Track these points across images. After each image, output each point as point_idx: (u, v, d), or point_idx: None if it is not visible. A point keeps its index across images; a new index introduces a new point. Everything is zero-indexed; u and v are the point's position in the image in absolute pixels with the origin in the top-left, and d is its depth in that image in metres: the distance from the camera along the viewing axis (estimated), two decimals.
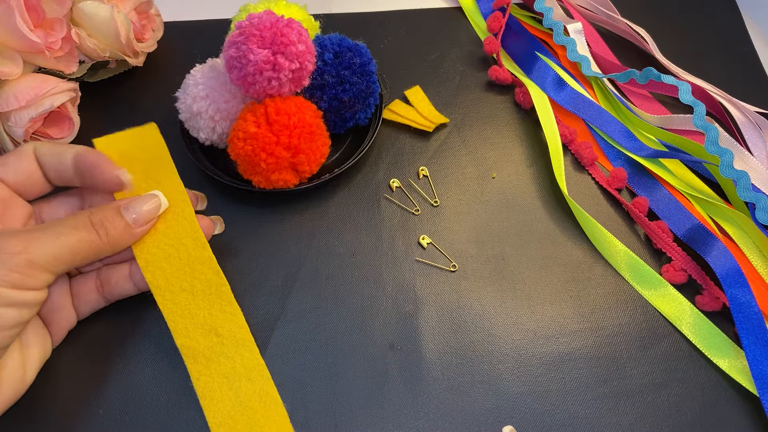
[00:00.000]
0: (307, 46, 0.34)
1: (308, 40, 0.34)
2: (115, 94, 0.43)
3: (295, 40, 0.33)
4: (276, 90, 0.34)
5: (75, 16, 0.39)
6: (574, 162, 0.42)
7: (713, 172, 0.40)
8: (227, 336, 0.31)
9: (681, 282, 0.36)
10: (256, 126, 0.34)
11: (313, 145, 0.35)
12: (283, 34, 0.33)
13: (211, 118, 0.36)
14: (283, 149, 0.34)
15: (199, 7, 0.49)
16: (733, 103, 0.43)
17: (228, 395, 0.30)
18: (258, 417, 0.30)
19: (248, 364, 0.31)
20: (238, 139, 0.34)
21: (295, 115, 0.34)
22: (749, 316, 0.33)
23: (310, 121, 0.34)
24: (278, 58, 0.32)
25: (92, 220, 0.28)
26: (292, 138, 0.34)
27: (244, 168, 0.35)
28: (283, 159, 0.34)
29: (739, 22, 0.51)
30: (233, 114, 0.36)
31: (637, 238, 0.39)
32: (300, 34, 0.34)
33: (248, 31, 0.33)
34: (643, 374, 0.33)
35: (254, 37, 0.32)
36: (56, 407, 0.31)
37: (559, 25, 0.45)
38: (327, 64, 0.37)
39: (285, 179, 0.35)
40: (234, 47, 0.33)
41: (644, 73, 0.41)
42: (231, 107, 0.36)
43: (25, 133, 0.36)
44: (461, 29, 0.49)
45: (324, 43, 0.38)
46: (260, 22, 0.33)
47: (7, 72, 0.35)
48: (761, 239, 0.36)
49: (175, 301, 0.31)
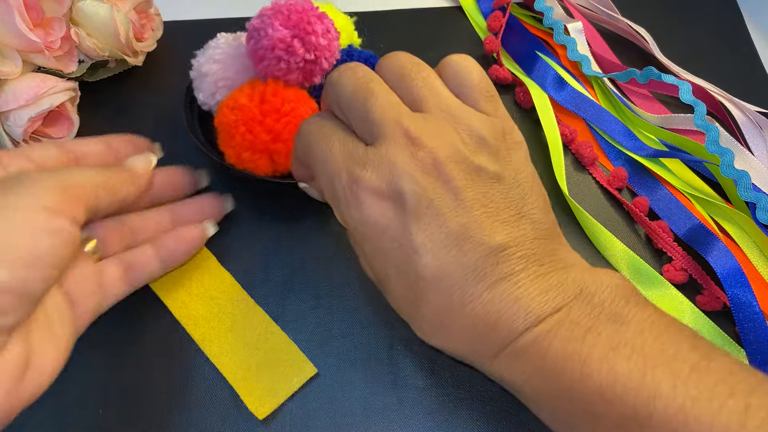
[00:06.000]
0: (330, 43, 0.34)
1: (334, 39, 0.34)
2: (115, 94, 0.43)
3: (319, 31, 0.33)
4: (283, 73, 0.33)
5: (74, 16, 0.39)
6: (574, 161, 0.42)
7: (714, 172, 0.40)
8: (222, 297, 0.34)
9: (682, 282, 0.36)
10: (247, 99, 0.33)
11: None
12: (309, 22, 0.32)
13: (215, 83, 0.35)
14: (263, 131, 0.32)
15: (199, 6, 0.49)
16: (734, 103, 0.43)
17: (237, 348, 0.33)
18: (269, 357, 0.33)
19: (247, 313, 0.34)
20: (226, 106, 0.33)
21: (289, 103, 0.33)
22: (750, 316, 0.33)
23: (304, 116, 0.33)
24: (295, 42, 0.32)
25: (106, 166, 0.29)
26: (277, 123, 0.32)
27: (222, 138, 0.34)
28: (260, 140, 0.33)
29: (740, 21, 0.51)
30: (237, 86, 0.35)
31: (637, 238, 0.39)
32: (327, 30, 0.33)
33: (277, 8, 0.33)
34: None
35: (281, 15, 0.32)
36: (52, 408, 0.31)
37: (560, 24, 0.45)
38: None
39: (256, 163, 0.33)
40: (259, 18, 0.33)
41: (645, 73, 0.41)
42: (237, 79, 0.35)
43: (24, 132, 0.36)
44: (461, 28, 0.49)
45: (352, 52, 0.37)
46: (293, 4, 0.33)
47: (6, 71, 0.35)
48: (762, 239, 0.36)
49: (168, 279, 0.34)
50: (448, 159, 0.24)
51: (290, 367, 0.32)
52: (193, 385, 0.32)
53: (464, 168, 0.24)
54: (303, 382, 0.32)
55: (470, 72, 0.27)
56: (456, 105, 0.26)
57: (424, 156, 0.24)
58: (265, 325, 0.34)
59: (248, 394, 0.32)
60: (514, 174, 0.26)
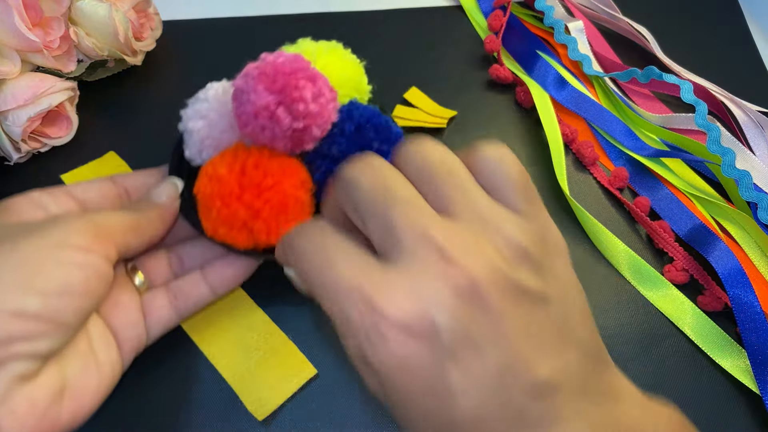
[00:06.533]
0: (322, 109, 0.30)
1: (328, 102, 0.30)
2: (114, 93, 0.43)
3: (309, 97, 0.29)
4: (268, 141, 0.30)
5: (73, 15, 0.39)
6: (575, 161, 0.42)
7: (715, 172, 0.40)
8: (223, 298, 0.34)
9: (683, 282, 0.36)
10: (227, 169, 0.29)
11: (281, 218, 0.29)
12: (297, 86, 0.28)
13: (201, 141, 0.32)
14: (242, 206, 0.29)
15: (198, 6, 0.48)
16: (735, 102, 0.43)
17: (236, 348, 0.33)
18: (269, 358, 0.33)
19: (247, 314, 0.34)
20: (205, 173, 0.30)
21: (272, 177, 0.29)
22: (751, 316, 0.33)
23: (288, 191, 0.29)
24: (280, 110, 0.28)
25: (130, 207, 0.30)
26: (257, 199, 0.29)
27: (200, 208, 0.31)
28: (237, 217, 0.29)
29: (741, 20, 0.51)
30: (223, 146, 0.32)
31: (638, 238, 0.38)
32: (319, 94, 0.29)
33: (262, 69, 0.29)
34: (645, 374, 0.33)
35: (265, 78, 0.28)
36: None
37: (561, 23, 0.45)
38: (343, 134, 0.31)
39: (235, 239, 0.30)
40: (242, 79, 0.29)
41: (646, 72, 0.41)
42: (224, 138, 0.32)
43: (23, 132, 0.36)
44: (462, 28, 0.49)
45: (352, 112, 0.32)
46: (280, 64, 0.29)
47: (5, 71, 0.35)
48: (763, 239, 0.36)
49: None
50: (485, 280, 0.20)
51: (290, 368, 0.32)
52: (193, 386, 0.32)
53: (504, 289, 0.21)
54: (303, 382, 0.32)
55: (508, 168, 0.23)
56: (491, 209, 0.22)
57: (457, 276, 0.20)
58: (264, 326, 0.34)
59: (248, 395, 0.32)
60: (559, 291, 0.22)
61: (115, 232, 0.27)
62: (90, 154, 0.40)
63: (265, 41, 0.46)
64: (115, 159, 0.39)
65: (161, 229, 0.30)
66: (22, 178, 0.39)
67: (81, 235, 0.26)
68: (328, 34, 0.47)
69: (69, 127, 0.40)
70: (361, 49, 0.47)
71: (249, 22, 0.47)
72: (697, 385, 0.33)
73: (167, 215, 0.31)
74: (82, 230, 0.26)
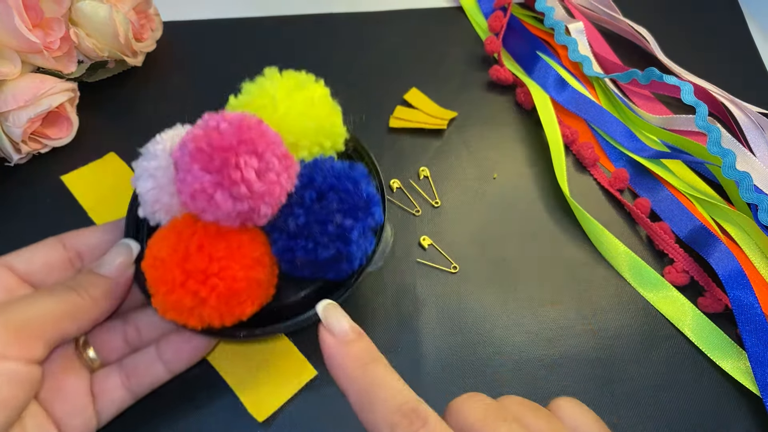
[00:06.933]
0: (272, 185, 0.25)
1: (279, 175, 0.26)
2: (114, 94, 0.43)
3: (252, 177, 0.24)
4: (213, 219, 0.26)
5: (73, 16, 0.39)
6: (575, 163, 0.42)
7: (715, 173, 0.40)
8: None
9: (683, 284, 0.36)
10: (169, 252, 0.26)
11: (232, 302, 0.26)
12: (237, 165, 0.24)
13: (152, 204, 0.28)
14: (187, 295, 0.25)
15: (198, 6, 0.48)
16: (736, 104, 0.43)
17: (237, 351, 0.32)
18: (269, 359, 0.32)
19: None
20: (149, 251, 0.26)
21: (218, 262, 0.25)
22: (752, 318, 0.33)
23: (237, 276, 0.26)
24: (218, 194, 0.24)
25: (68, 285, 0.26)
26: (202, 287, 0.25)
27: (148, 287, 0.27)
28: (183, 305, 0.26)
29: (741, 21, 0.51)
30: (175, 210, 0.28)
31: (638, 240, 0.38)
32: (267, 168, 0.25)
33: (198, 143, 0.24)
34: (645, 376, 0.33)
35: (201, 155, 0.24)
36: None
37: (561, 24, 0.45)
38: (302, 205, 0.27)
39: (185, 321, 0.26)
40: (180, 150, 0.25)
41: (646, 74, 0.41)
42: (174, 204, 0.28)
43: (23, 133, 0.36)
44: (462, 29, 0.49)
45: (315, 176, 0.27)
46: (218, 136, 0.24)
47: (6, 72, 0.35)
48: (764, 241, 0.36)
49: None
50: None
51: (290, 369, 0.32)
52: (193, 388, 0.32)
53: None
54: (303, 384, 0.32)
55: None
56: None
57: None
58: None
59: (248, 396, 0.32)
60: None
61: (44, 323, 0.24)
62: (90, 155, 0.40)
63: (265, 41, 0.47)
64: (115, 160, 0.39)
65: (107, 307, 0.27)
66: (23, 179, 0.39)
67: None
68: (329, 35, 0.47)
69: (69, 128, 0.40)
70: (361, 49, 0.47)
71: (249, 23, 0.47)
72: (698, 387, 0.33)
73: (116, 290, 0.28)
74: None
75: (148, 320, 0.30)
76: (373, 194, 0.28)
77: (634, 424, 0.32)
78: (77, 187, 0.38)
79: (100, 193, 0.38)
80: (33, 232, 0.37)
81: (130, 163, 0.39)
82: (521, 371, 0.33)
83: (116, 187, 0.38)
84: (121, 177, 0.39)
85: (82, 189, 0.38)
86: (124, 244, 0.29)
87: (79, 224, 0.37)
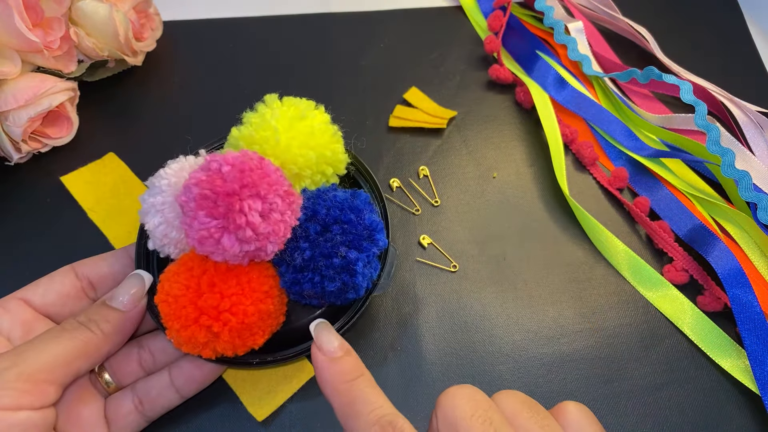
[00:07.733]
0: (276, 224, 0.26)
1: (284, 214, 0.27)
2: (114, 94, 0.43)
3: (257, 220, 0.25)
4: (221, 260, 0.27)
5: (73, 16, 0.39)
6: (575, 162, 0.42)
7: (715, 172, 0.40)
8: None
9: (682, 282, 0.36)
10: (181, 289, 0.27)
11: (244, 335, 0.27)
12: (242, 210, 0.25)
13: (161, 239, 0.28)
14: (200, 330, 0.26)
15: (198, 6, 0.48)
16: (735, 103, 0.43)
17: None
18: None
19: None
20: (162, 289, 0.27)
21: (229, 298, 0.26)
22: (751, 316, 0.33)
23: (248, 311, 0.27)
24: (225, 238, 0.25)
25: (79, 320, 0.27)
26: (215, 323, 0.26)
27: (162, 320, 0.28)
28: (197, 339, 0.27)
29: (741, 20, 0.51)
30: (183, 245, 0.29)
31: (638, 238, 0.38)
32: (271, 209, 0.26)
33: (202, 190, 0.25)
34: (645, 375, 0.33)
35: (206, 202, 0.25)
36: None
37: (560, 24, 0.45)
38: (308, 239, 0.28)
39: (201, 352, 0.27)
40: (185, 195, 0.26)
41: (645, 73, 0.41)
42: (183, 239, 0.28)
43: (23, 132, 0.36)
44: (461, 28, 0.49)
45: (318, 208, 0.28)
46: (222, 181, 0.25)
47: (6, 71, 0.35)
48: (763, 239, 0.36)
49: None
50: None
51: (289, 369, 0.32)
52: None
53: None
54: (302, 383, 0.32)
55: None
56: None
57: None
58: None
59: (247, 395, 0.32)
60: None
61: (57, 367, 0.25)
62: (90, 154, 0.40)
63: (265, 41, 0.47)
64: (115, 160, 0.40)
65: (119, 341, 0.28)
66: (23, 179, 0.39)
67: (9, 392, 0.23)
68: (329, 34, 0.47)
69: (69, 128, 0.40)
70: (361, 48, 0.47)
71: (249, 22, 0.48)
72: (697, 385, 0.33)
73: (128, 324, 0.28)
74: (10, 384, 0.24)
75: (161, 345, 0.30)
76: (377, 222, 0.29)
77: (634, 423, 0.32)
78: (77, 187, 0.38)
79: (100, 194, 0.38)
80: (33, 231, 0.37)
81: (129, 164, 0.40)
82: (521, 369, 0.33)
83: (115, 188, 0.38)
84: (121, 177, 0.39)
85: (81, 189, 0.38)
86: (136, 276, 0.29)
87: (78, 224, 0.37)
